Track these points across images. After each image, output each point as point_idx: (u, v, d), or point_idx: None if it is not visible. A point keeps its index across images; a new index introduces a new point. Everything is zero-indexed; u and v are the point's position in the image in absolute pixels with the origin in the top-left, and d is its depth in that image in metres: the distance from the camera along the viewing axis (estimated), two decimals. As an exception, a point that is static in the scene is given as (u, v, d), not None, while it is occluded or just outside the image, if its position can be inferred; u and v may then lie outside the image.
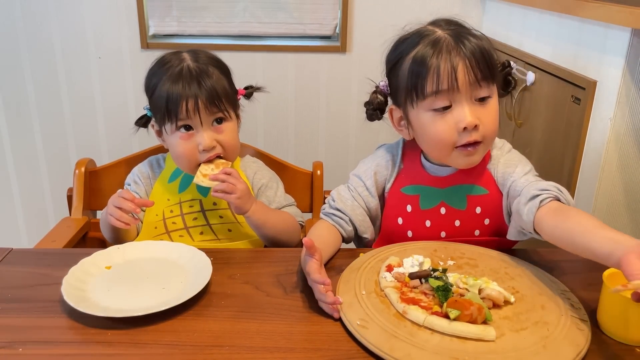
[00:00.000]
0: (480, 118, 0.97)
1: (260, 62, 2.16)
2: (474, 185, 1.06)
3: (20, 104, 2.19)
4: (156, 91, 1.13)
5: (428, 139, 1.02)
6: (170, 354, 0.76)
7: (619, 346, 0.78)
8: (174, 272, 0.95)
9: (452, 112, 0.98)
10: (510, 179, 1.03)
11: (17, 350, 0.76)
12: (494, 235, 1.08)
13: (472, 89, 0.97)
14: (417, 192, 1.08)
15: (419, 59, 0.97)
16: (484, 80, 0.97)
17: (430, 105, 0.98)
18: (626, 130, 1.27)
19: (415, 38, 1.00)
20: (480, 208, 1.06)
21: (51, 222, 2.26)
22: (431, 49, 0.97)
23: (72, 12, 2.09)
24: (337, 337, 0.79)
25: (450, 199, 1.06)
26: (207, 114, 1.11)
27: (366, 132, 2.25)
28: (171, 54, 1.17)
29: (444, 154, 1.02)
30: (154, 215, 1.19)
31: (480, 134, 0.98)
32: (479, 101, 0.98)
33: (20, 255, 1.03)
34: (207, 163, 1.12)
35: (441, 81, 0.95)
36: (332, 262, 1.00)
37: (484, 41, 0.99)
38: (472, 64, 0.95)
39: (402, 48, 1.02)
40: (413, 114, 1.02)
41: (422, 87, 0.97)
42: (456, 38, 0.97)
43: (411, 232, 1.09)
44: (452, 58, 0.95)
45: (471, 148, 0.99)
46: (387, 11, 2.09)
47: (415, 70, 0.98)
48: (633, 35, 1.20)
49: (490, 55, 0.98)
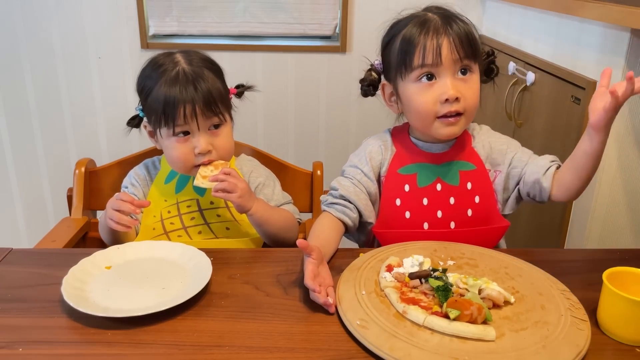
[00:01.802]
0: (461, 91, 1.05)
1: (260, 62, 2.16)
2: (464, 161, 1.13)
3: (20, 104, 2.19)
4: (151, 94, 1.12)
5: (414, 109, 1.09)
6: (170, 354, 0.75)
7: (619, 346, 0.78)
8: (174, 272, 0.95)
9: (435, 84, 1.05)
10: (510, 154, 1.12)
11: (17, 350, 0.76)
12: (483, 217, 1.12)
13: (455, 65, 1.05)
14: (415, 171, 1.13)
15: (408, 36, 1.06)
16: (467, 58, 1.05)
17: (415, 76, 1.06)
18: (626, 130, 1.27)
19: (407, 20, 1.09)
20: (471, 184, 1.12)
21: (51, 222, 2.27)
22: (420, 27, 1.05)
23: (72, 12, 2.09)
24: (337, 337, 0.79)
25: (445, 175, 1.12)
26: (203, 119, 1.12)
27: (366, 132, 2.25)
28: (163, 55, 1.16)
29: (427, 124, 1.08)
30: (152, 216, 1.19)
31: (461, 105, 1.05)
32: (461, 76, 1.06)
33: (20, 255, 1.03)
34: (205, 165, 1.12)
35: (427, 55, 1.04)
36: (332, 262, 1.00)
37: (470, 26, 1.07)
38: (456, 42, 1.04)
39: (395, 29, 1.11)
40: (401, 86, 1.10)
41: (410, 60, 1.05)
42: (444, 19, 1.06)
43: (409, 212, 1.12)
44: (438, 35, 1.04)
45: (452, 119, 1.06)
46: (387, 11, 2.09)
47: (404, 46, 1.06)
48: (633, 35, 1.20)
49: (474, 38, 1.06)
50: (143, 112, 1.18)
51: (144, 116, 1.18)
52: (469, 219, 1.11)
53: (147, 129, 1.20)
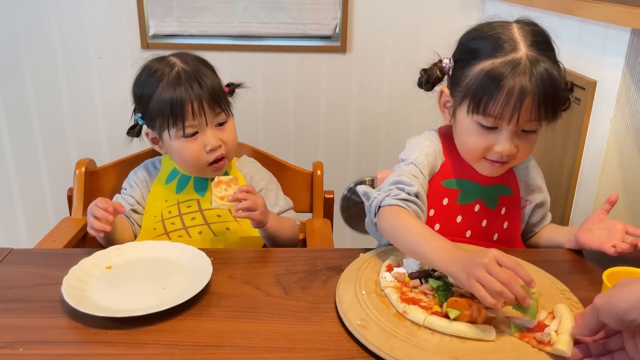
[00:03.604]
0: (518, 146, 1.00)
1: (260, 62, 2.16)
2: (505, 185, 1.10)
3: (20, 104, 2.19)
4: (153, 99, 1.12)
5: (464, 142, 1.04)
6: (170, 354, 0.76)
7: (619, 346, 0.78)
8: (174, 272, 0.95)
9: (495, 133, 0.99)
10: (541, 194, 1.15)
11: (17, 350, 0.76)
12: (505, 241, 1.11)
13: (525, 122, 0.97)
14: (459, 186, 1.09)
15: (493, 77, 0.95)
16: (543, 119, 0.97)
17: (481, 121, 0.99)
18: (626, 130, 1.27)
19: (496, 44, 0.97)
20: (505, 209, 1.10)
21: (51, 222, 2.26)
22: (509, 72, 0.94)
23: (72, 12, 2.09)
24: (337, 337, 0.79)
25: (486, 198, 1.09)
26: (211, 115, 1.13)
27: (366, 132, 2.25)
28: (156, 61, 1.16)
29: (472, 159, 1.06)
30: (153, 216, 1.19)
31: (512, 157, 1.01)
32: (524, 132, 0.99)
33: (20, 255, 1.03)
34: (218, 184, 1.08)
35: (505, 110, 0.95)
36: (332, 262, 1.00)
37: (557, 73, 0.96)
38: (539, 101, 0.94)
39: (481, 45, 0.99)
40: (462, 113, 1.02)
41: (486, 106, 0.96)
42: (533, 65, 0.94)
43: (439, 225, 1.09)
44: (523, 91, 0.93)
45: (498, 165, 1.03)
46: (387, 11, 2.09)
47: (485, 86, 0.96)
48: (633, 35, 1.20)
49: (560, 94, 0.96)
50: (143, 119, 1.18)
51: (144, 123, 1.18)
52: (493, 242, 1.10)
53: (150, 136, 1.20)
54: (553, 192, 1.48)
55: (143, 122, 1.18)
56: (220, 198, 1.06)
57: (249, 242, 1.20)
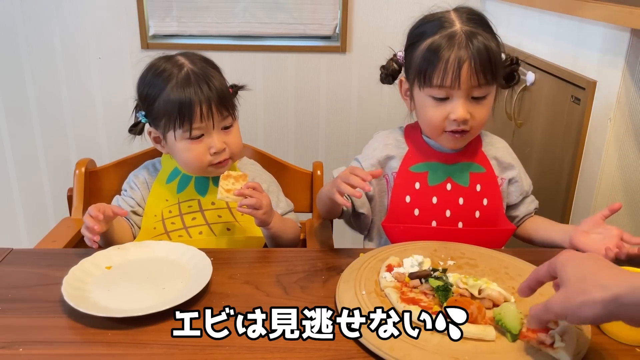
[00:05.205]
0: (471, 113, 1.07)
1: (260, 62, 2.16)
2: (474, 163, 1.17)
3: (20, 104, 2.20)
4: (160, 99, 1.11)
5: (424, 118, 1.13)
6: (170, 354, 0.76)
7: (619, 346, 0.78)
8: (174, 272, 0.95)
9: (448, 103, 1.08)
10: (513, 171, 1.19)
11: (17, 350, 0.76)
12: (490, 219, 1.14)
13: (471, 89, 1.06)
14: (426, 169, 1.15)
15: (433, 50, 1.06)
16: (485, 84, 1.06)
17: (431, 93, 1.08)
18: (626, 130, 1.27)
19: (436, 25, 1.08)
20: (480, 186, 1.15)
21: (51, 222, 2.26)
22: (445, 42, 1.04)
23: (72, 12, 2.09)
24: (337, 337, 0.79)
25: (456, 175, 1.14)
26: (219, 118, 1.13)
27: (366, 132, 2.25)
28: (163, 60, 1.16)
29: (435, 135, 1.13)
30: (153, 216, 1.19)
31: (468, 125, 1.08)
32: (474, 98, 1.07)
33: (20, 255, 1.03)
34: (226, 177, 1.09)
35: (446, 77, 1.04)
36: (332, 262, 1.00)
37: (492, 43, 1.07)
38: (476, 67, 1.04)
39: (423, 29, 1.10)
40: (417, 92, 1.12)
41: (430, 77, 1.06)
42: (469, 37, 1.05)
43: (418, 209, 1.13)
44: (460, 58, 1.03)
45: (458, 135, 1.10)
46: (387, 11, 2.09)
47: (427, 59, 1.06)
48: (633, 35, 1.20)
49: (495, 59, 1.06)
50: (147, 118, 1.17)
51: (147, 122, 1.18)
52: (476, 220, 1.13)
53: (152, 135, 1.19)
54: (553, 192, 1.48)
55: (146, 120, 1.18)
56: (227, 191, 1.07)
57: (250, 242, 1.20)
